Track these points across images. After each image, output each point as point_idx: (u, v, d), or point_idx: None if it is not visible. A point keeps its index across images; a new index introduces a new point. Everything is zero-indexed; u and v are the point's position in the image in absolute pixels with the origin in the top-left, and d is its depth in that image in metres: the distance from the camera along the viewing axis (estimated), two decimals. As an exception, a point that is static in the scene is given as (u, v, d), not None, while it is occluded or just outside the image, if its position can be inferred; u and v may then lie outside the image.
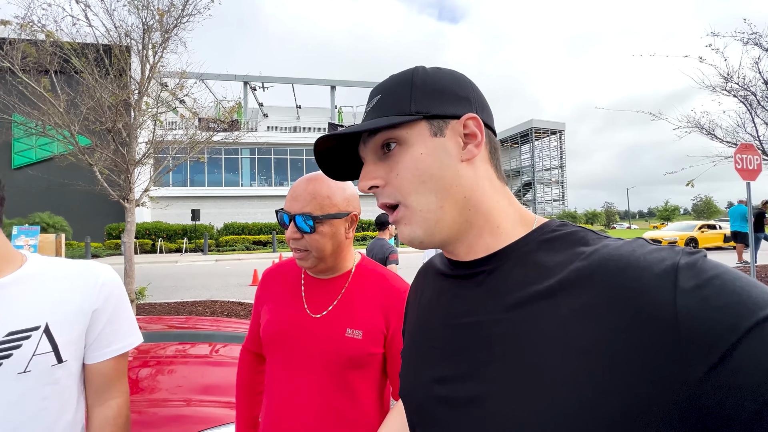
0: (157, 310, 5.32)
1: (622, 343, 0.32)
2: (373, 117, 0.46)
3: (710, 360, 0.28)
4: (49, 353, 0.70)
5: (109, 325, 0.79)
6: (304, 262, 0.88)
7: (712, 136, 6.82)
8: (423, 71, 0.46)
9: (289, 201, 0.87)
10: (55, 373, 0.71)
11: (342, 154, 0.53)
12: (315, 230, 0.84)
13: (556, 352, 0.35)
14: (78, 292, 0.76)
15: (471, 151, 0.45)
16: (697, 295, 0.30)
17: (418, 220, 0.45)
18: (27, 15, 4.21)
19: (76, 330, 0.74)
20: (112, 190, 4.71)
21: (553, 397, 0.34)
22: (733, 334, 0.28)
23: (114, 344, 0.79)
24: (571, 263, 0.38)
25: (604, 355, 0.32)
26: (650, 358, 0.30)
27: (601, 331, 0.33)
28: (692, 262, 0.32)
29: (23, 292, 0.71)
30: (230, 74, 25.33)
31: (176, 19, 4.70)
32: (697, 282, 0.31)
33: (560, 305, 0.37)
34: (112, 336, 0.79)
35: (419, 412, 0.48)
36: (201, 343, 1.97)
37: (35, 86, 4.25)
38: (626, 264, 0.34)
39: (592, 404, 0.32)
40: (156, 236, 18.53)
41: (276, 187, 26.87)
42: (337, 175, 0.55)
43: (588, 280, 0.36)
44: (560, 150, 40.70)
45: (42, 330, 0.70)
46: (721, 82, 6.33)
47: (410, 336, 0.56)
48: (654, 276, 0.32)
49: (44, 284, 0.74)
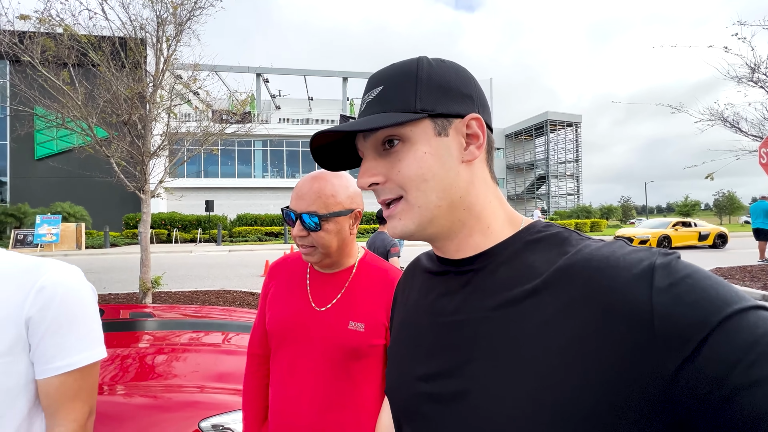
0: (171, 298, 5.47)
1: (601, 339, 0.33)
2: (375, 110, 0.45)
3: (683, 353, 0.30)
4: None
5: (50, 338, 0.67)
6: (310, 257, 0.91)
7: (737, 129, 6.55)
8: (427, 64, 0.45)
9: (295, 199, 0.90)
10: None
11: (339, 145, 0.53)
12: (321, 228, 0.86)
13: (538, 348, 0.37)
14: (9, 296, 0.65)
15: (473, 152, 0.45)
16: (671, 293, 0.32)
17: (415, 215, 0.45)
18: (46, 9, 4.30)
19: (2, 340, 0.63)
20: (128, 181, 4.82)
21: (535, 392, 0.35)
22: (704, 329, 0.30)
23: (56, 361, 0.67)
24: (555, 263, 0.40)
25: (584, 350, 0.34)
26: (627, 352, 0.32)
27: (581, 327, 0.35)
28: (667, 262, 0.34)
29: None
30: (242, 66, 25.46)
31: (189, 12, 4.74)
32: (671, 281, 0.33)
33: (544, 304, 0.38)
34: (55, 350, 0.67)
35: (404, 408, 0.49)
36: (214, 332, 2.03)
37: (54, 80, 4.36)
38: (606, 264, 0.36)
39: (572, 398, 0.34)
40: (171, 226, 18.96)
41: (288, 179, 27.10)
42: (332, 165, 0.54)
43: (570, 279, 0.37)
44: (576, 143, 39.76)
45: None
46: (748, 73, 6.07)
47: (396, 333, 0.57)
48: (632, 276, 0.34)
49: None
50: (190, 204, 20.47)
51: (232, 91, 6.83)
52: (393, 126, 0.43)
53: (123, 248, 15.71)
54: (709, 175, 6.35)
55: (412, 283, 0.58)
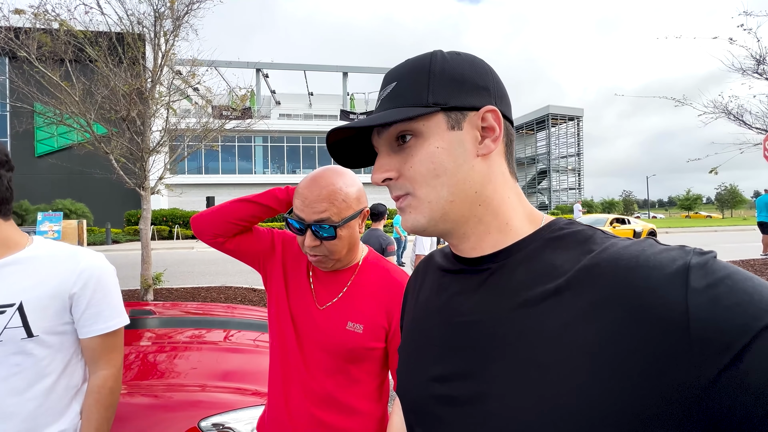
0: (173, 295, 5.47)
1: (629, 343, 0.31)
2: (388, 106, 0.45)
3: (722, 361, 0.28)
4: (19, 328, 0.81)
5: (90, 308, 0.89)
6: (323, 264, 0.88)
7: (741, 122, 6.48)
8: (442, 57, 0.44)
9: (303, 208, 0.82)
10: (25, 345, 0.82)
11: (354, 142, 0.52)
12: (336, 236, 0.82)
13: (561, 351, 0.35)
14: (56, 276, 0.86)
15: (488, 146, 0.43)
16: (709, 295, 0.29)
17: (425, 209, 0.44)
18: (41, 4, 4.25)
19: (50, 310, 0.84)
20: (128, 177, 4.81)
21: (558, 397, 0.34)
22: (746, 335, 0.27)
23: (96, 324, 0.90)
24: (579, 262, 0.38)
25: (611, 354, 0.32)
26: (659, 357, 0.30)
27: (608, 330, 0.33)
28: (703, 262, 0.31)
29: (10, 273, 0.83)
30: (242, 61, 25.25)
31: (187, 6, 4.69)
32: (708, 282, 0.30)
33: (567, 304, 0.36)
34: (95, 317, 0.90)
35: (417, 410, 0.48)
36: (215, 330, 2.02)
37: (51, 75, 4.33)
38: (636, 263, 0.33)
39: (597, 404, 0.32)
40: (173, 223, 18.99)
41: (289, 175, 27.07)
42: (349, 163, 0.54)
43: (596, 279, 0.35)
44: (578, 137, 39.53)
45: (16, 307, 0.81)
46: (753, 65, 5.99)
47: (408, 332, 0.56)
48: (665, 276, 0.31)
49: (29, 267, 0.85)
50: (191, 200, 20.49)
51: (231, 86, 6.79)
52: (404, 121, 0.42)
53: (124, 245, 15.76)
54: (713, 169, 6.30)
55: (424, 281, 0.56)
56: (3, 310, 0.81)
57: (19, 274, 0.84)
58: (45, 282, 0.85)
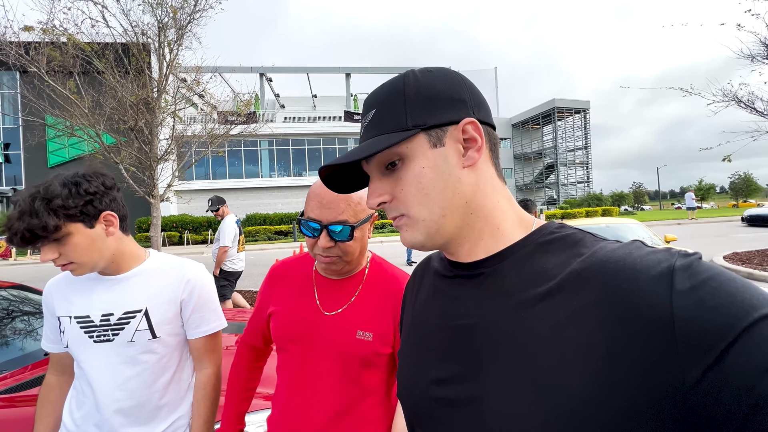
0: (185, 300, 5.55)
1: (619, 344, 0.32)
2: (371, 134, 0.46)
3: (707, 360, 0.29)
4: (146, 330, 0.95)
5: (196, 312, 1.03)
6: (334, 266, 0.86)
7: (752, 109, 6.34)
8: (413, 79, 0.45)
9: (319, 209, 0.81)
10: (151, 345, 0.96)
11: (347, 168, 0.54)
12: (352, 238, 0.82)
13: (553, 352, 0.36)
14: (170, 285, 1.00)
15: (472, 156, 0.44)
16: (693, 296, 0.30)
17: (420, 227, 0.46)
18: (49, 20, 4.35)
19: (167, 314, 0.98)
20: (137, 186, 4.90)
21: (551, 397, 0.34)
22: (729, 335, 0.28)
23: (201, 327, 1.04)
24: (569, 265, 0.39)
25: (601, 355, 0.33)
26: (646, 358, 0.31)
27: (597, 331, 0.34)
28: (687, 264, 0.32)
29: (137, 283, 0.98)
30: (245, 66, 25.52)
31: (189, 15, 4.75)
32: (692, 283, 0.31)
33: (558, 307, 0.37)
34: (199, 320, 1.03)
35: (418, 413, 0.49)
36: (226, 334, 2.04)
37: (61, 89, 4.43)
38: (623, 266, 0.35)
39: (589, 404, 0.33)
40: (183, 228, 19.24)
41: (295, 178, 27.22)
42: (346, 189, 0.55)
43: (585, 281, 0.36)
44: (584, 129, 39.02)
45: (143, 313, 0.95)
46: (762, 51, 5.85)
47: (407, 335, 0.57)
48: (651, 278, 0.33)
49: (151, 278, 1.00)
50: (200, 206, 20.63)
51: (236, 92, 6.86)
52: (386, 149, 0.42)
53: (137, 251, 15.98)
54: (726, 157, 6.18)
55: (422, 284, 0.58)
56: (134, 315, 0.95)
57: (144, 284, 0.98)
58: (162, 290, 0.99)
